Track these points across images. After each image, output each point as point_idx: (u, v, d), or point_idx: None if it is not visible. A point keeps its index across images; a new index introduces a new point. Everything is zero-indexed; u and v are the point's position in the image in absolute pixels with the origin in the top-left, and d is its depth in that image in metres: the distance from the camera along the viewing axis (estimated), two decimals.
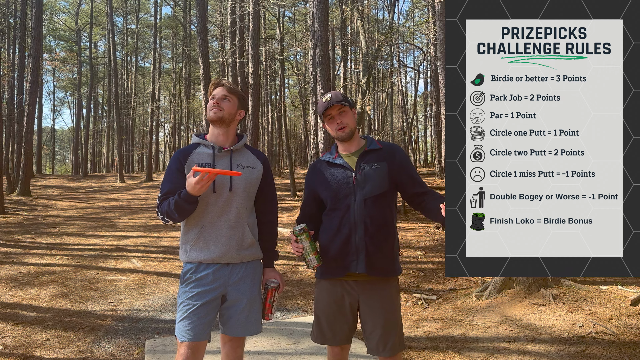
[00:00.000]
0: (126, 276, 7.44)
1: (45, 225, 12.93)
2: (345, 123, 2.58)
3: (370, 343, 2.56)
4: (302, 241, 2.49)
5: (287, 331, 4.83)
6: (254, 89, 18.52)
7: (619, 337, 4.45)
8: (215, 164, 2.57)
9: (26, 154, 19.31)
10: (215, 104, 2.57)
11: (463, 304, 6.06)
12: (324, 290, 2.64)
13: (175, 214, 2.44)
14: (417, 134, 46.18)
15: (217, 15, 28.20)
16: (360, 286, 2.55)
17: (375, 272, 2.51)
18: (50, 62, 42.28)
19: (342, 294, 2.58)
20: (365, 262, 2.49)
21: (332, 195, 2.58)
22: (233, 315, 2.56)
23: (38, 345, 4.65)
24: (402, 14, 38.12)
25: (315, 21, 14.00)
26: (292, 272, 8.12)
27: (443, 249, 10.02)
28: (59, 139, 70.12)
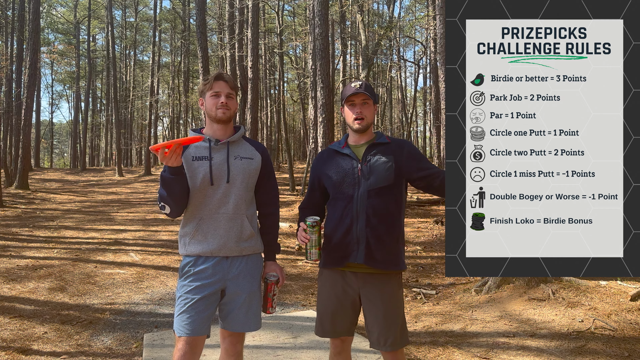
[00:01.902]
0: (124, 270, 7.45)
1: (43, 218, 12.93)
2: (364, 115, 2.57)
3: (372, 337, 2.57)
4: (312, 234, 2.49)
5: (286, 325, 4.85)
6: (253, 82, 18.48)
7: (619, 332, 4.47)
8: (212, 156, 2.53)
9: (24, 147, 19.28)
10: (223, 104, 2.53)
11: (462, 298, 6.08)
12: (326, 281, 2.64)
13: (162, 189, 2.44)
14: (417, 129, 46.17)
15: (216, 8, 28.08)
16: (361, 279, 2.55)
17: (374, 264, 2.50)
18: (48, 55, 42.08)
19: (343, 285, 2.58)
20: (365, 253, 2.49)
21: (337, 183, 2.58)
22: (232, 311, 2.54)
23: (36, 338, 4.65)
24: (402, 7, 37.97)
25: (315, 15, 13.96)
26: (291, 266, 8.14)
27: (442, 244, 10.04)
28: (57, 133, 69.97)
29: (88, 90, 38.99)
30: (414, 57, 44.05)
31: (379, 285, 2.53)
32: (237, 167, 2.56)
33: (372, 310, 2.53)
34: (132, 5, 40.65)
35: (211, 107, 2.55)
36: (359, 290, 2.57)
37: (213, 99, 2.55)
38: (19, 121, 21.35)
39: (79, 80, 40.56)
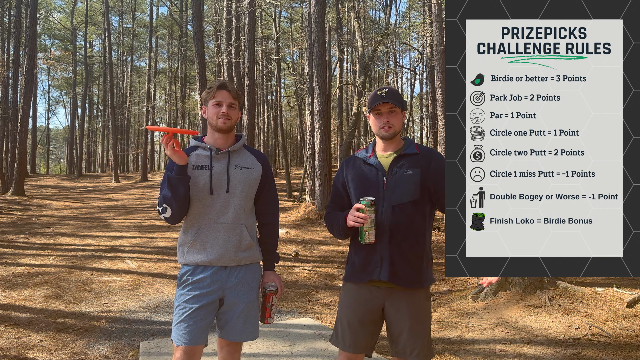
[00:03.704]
0: (121, 277, 7.40)
1: (39, 225, 12.87)
2: (392, 123, 2.49)
3: (396, 347, 2.48)
4: (370, 213, 2.36)
5: (282, 333, 4.81)
6: (250, 89, 18.51)
7: (615, 339, 4.46)
8: (213, 165, 2.53)
9: (20, 154, 19.23)
10: (224, 114, 2.52)
11: (459, 305, 6.07)
12: (349, 293, 2.57)
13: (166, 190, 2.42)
14: (413, 135, 46.24)
15: (213, 14, 28.15)
16: (387, 291, 2.48)
17: (399, 281, 2.43)
18: (45, 61, 42.16)
19: (367, 297, 2.51)
20: (388, 271, 2.42)
21: (360, 195, 2.49)
22: (230, 320, 2.53)
23: (31, 347, 4.61)
24: (398, 14, 38.16)
25: (311, 22, 14.00)
26: (288, 273, 8.11)
27: (439, 250, 10.04)
28: (54, 139, 69.82)
29: (85, 96, 38.96)
30: (410, 64, 44.23)
31: (406, 296, 2.47)
32: (237, 176, 2.55)
33: (399, 319, 2.46)
34: (129, 11, 40.74)
35: (212, 116, 2.55)
36: (383, 301, 2.49)
37: (215, 108, 2.54)
38: (15, 127, 21.29)
39: (76, 86, 40.59)
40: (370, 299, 2.51)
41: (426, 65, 27.66)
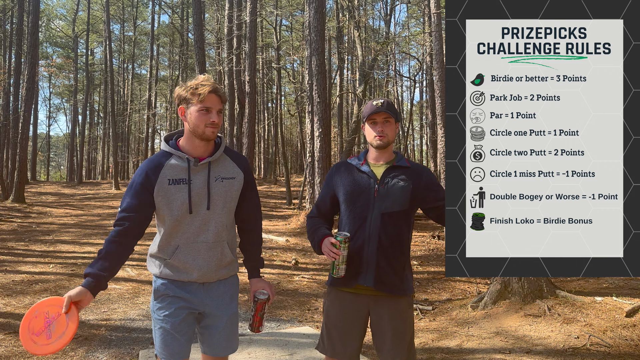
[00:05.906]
0: (120, 285, 7.37)
1: (39, 232, 12.84)
2: (386, 133, 2.53)
3: (381, 354, 2.52)
4: (343, 249, 2.40)
5: (282, 342, 4.77)
6: (251, 96, 18.56)
7: (614, 348, 4.44)
8: (192, 179, 2.28)
9: (21, 161, 19.23)
10: (214, 123, 2.27)
11: (459, 314, 6.04)
12: (335, 300, 2.60)
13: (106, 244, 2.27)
14: (413, 143, 46.31)
15: (214, 23, 28.29)
16: (371, 299, 2.52)
17: (382, 288, 2.47)
18: (46, 68, 42.27)
19: (353, 304, 2.54)
20: (374, 276, 2.46)
21: (351, 200, 2.53)
22: (213, 335, 2.40)
23: (30, 355, 4.58)
24: (398, 24, 38.37)
25: (311, 31, 14.05)
26: (287, 281, 8.08)
27: (438, 258, 10.01)
28: (54, 146, 69.93)
29: (86, 104, 39.05)
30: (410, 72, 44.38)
31: (390, 304, 2.50)
32: (219, 191, 2.33)
33: (382, 328, 2.49)
34: (130, 19, 40.95)
35: (199, 124, 2.26)
36: (369, 308, 2.53)
37: (202, 114, 2.25)
38: (15, 134, 21.32)
39: (77, 94, 40.67)
40: (356, 305, 2.54)
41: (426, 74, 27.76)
